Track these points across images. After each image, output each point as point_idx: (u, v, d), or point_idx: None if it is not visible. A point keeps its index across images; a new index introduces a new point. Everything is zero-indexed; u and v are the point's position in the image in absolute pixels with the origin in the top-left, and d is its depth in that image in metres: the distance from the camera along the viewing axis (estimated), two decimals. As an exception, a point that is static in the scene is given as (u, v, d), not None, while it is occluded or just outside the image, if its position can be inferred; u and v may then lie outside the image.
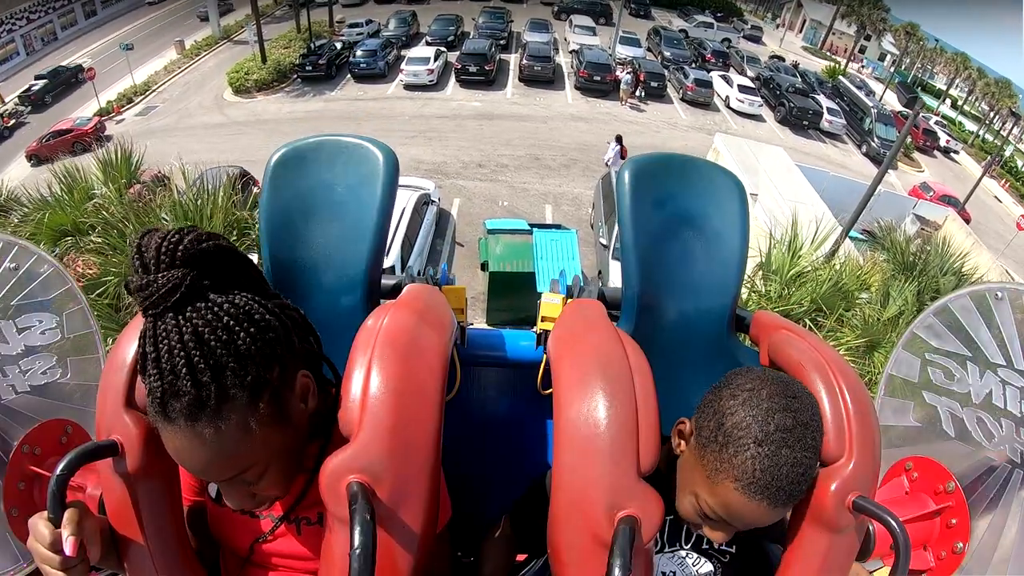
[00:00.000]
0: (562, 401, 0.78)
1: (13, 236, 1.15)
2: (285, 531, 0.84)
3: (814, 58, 33.57)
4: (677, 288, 1.10)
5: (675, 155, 1.16)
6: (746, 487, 0.69)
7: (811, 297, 4.21)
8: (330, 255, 1.10)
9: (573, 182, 13.59)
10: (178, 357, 0.60)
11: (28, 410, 1.10)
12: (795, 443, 0.70)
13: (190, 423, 0.61)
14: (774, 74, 23.89)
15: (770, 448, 0.69)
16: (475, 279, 9.50)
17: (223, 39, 23.83)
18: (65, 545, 0.66)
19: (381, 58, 19.74)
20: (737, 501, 0.71)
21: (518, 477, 1.08)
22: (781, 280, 4.33)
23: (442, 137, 15.35)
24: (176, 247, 0.60)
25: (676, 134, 17.98)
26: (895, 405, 1.20)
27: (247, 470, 0.67)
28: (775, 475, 0.69)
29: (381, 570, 0.61)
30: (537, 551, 1.06)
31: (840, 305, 4.22)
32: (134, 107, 18.47)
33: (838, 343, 3.96)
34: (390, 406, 0.69)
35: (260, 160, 5.64)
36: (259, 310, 0.65)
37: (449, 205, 11.68)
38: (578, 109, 18.69)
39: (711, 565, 0.92)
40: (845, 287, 4.34)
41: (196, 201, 3.88)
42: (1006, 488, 1.01)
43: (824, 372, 0.80)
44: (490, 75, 19.45)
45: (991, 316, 1.06)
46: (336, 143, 1.13)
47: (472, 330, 1.32)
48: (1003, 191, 25.16)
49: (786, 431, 0.69)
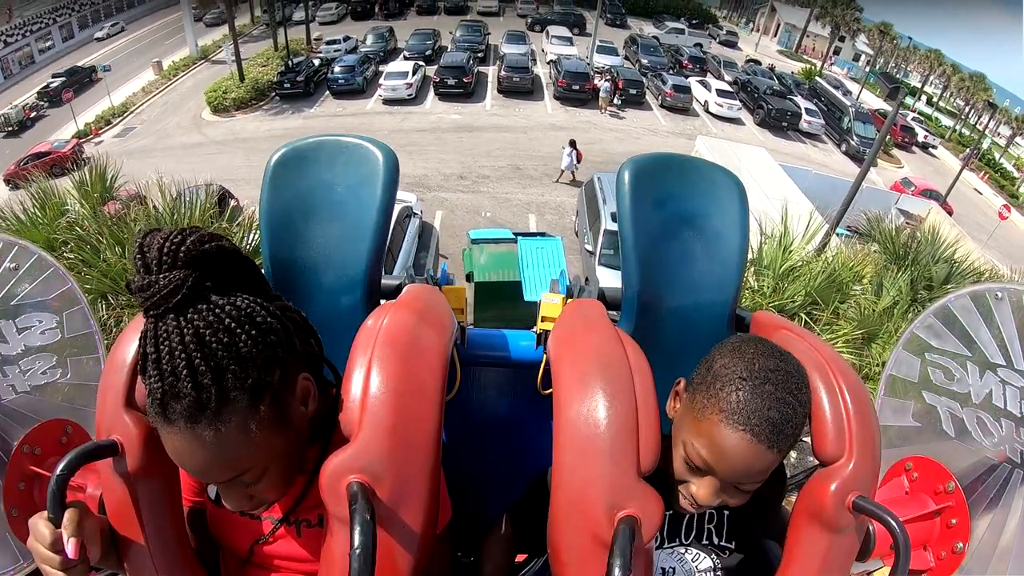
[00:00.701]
0: (562, 401, 0.78)
1: (13, 236, 1.15)
2: (285, 533, 0.84)
3: (790, 61, 33.85)
4: (677, 288, 1.10)
5: (675, 155, 1.16)
6: (729, 416, 0.72)
7: (805, 291, 4.18)
8: (330, 255, 1.10)
9: (556, 191, 13.64)
10: (179, 359, 0.59)
11: (28, 410, 1.10)
12: (779, 382, 0.72)
13: (190, 425, 0.61)
14: (751, 77, 24.04)
15: (754, 382, 0.72)
16: None
17: (201, 59, 23.87)
18: (66, 546, 0.66)
19: (359, 73, 19.79)
20: (720, 434, 0.72)
21: (518, 477, 1.08)
22: (774, 275, 4.30)
23: (422, 150, 15.36)
24: (179, 248, 0.60)
25: (657, 140, 18.04)
26: (895, 405, 1.20)
27: (246, 472, 0.67)
28: (758, 406, 0.71)
29: (381, 570, 0.61)
30: (537, 551, 1.06)
31: (835, 298, 4.20)
32: (112, 128, 18.54)
33: (835, 336, 3.94)
34: (390, 406, 0.69)
35: (239, 179, 5.69)
36: (261, 312, 0.65)
37: (431, 218, 11.66)
38: (558, 119, 18.78)
39: (710, 561, 0.92)
40: (839, 279, 4.31)
41: (172, 215, 3.84)
42: (1006, 488, 1.01)
43: (824, 372, 0.80)
44: (469, 87, 19.53)
45: (991, 316, 1.06)
46: (336, 143, 1.13)
47: (472, 330, 1.32)
48: (982, 183, 25.31)
49: (770, 371, 0.73)
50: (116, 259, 3.55)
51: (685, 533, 0.92)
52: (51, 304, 1.14)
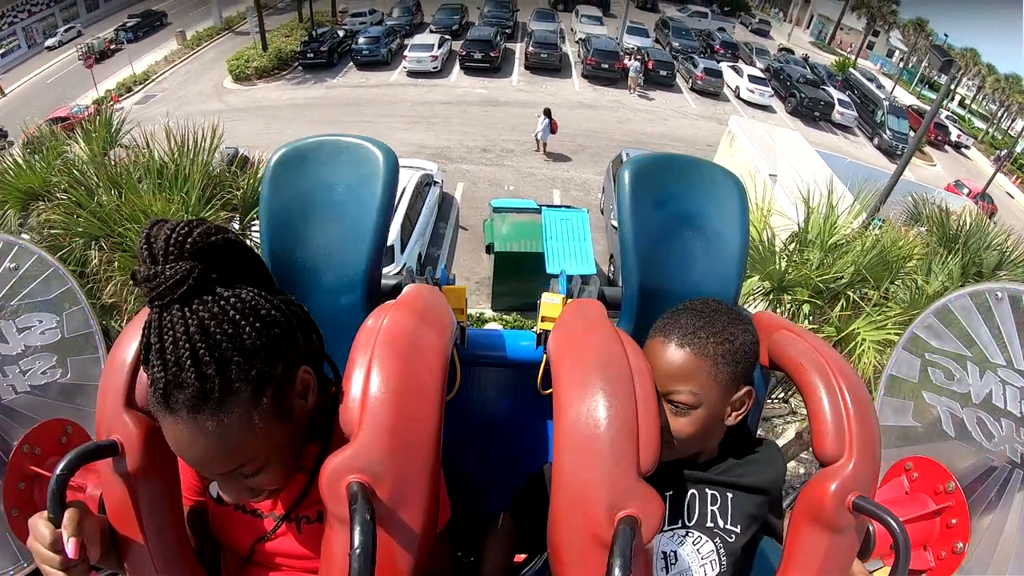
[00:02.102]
0: (562, 401, 0.78)
1: (14, 236, 1.15)
2: (286, 530, 0.84)
3: (822, 53, 33.44)
4: (677, 288, 1.10)
5: (676, 155, 1.16)
6: (652, 335, 0.90)
7: (855, 266, 3.95)
8: (330, 255, 1.10)
9: (582, 168, 13.33)
10: (183, 349, 0.59)
11: (28, 410, 1.10)
12: (697, 310, 0.89)
13: (192, 415, 0.61)
14: (784, 65, 23.67)
15: (675, 310, 0.91)
16: (479, 263, 9.28)
17: (224, 30, 23.89)
18: (67, 546, 0.66)
19: (384, 45, 19.58)
20: (652, 349, 0.88)
21: (518, 477, 1.08)
22: (822, 248, 4.06)
23: (446, 122, 15.10)
24: (185, 239, 0.60)
25: (686, 123, 17.71)
26: (895, 405, 1.20)
27: (246, 464, 0.67)
28: (672, 320, 0.89)
29: (381, 570, 0.61)
30: (537, 550, 1.06)
31: (885, 276, 3.98)
32: (133, 95, 18.51)
33: (886, 318, 3.75)
34: (390, 406, 0.69)
35: (258, 146, 5.40)
36: (265, 305, 0.66)
37: (452, 189, 11.49)
38: (585, 97, 18.46)
39: (712, 544, 0.91)
40: (890, 256, 4.08)
41: (174, 157, 3.65)
42: (1006, 488, 1.01)
43: (824, 372, 0.80)
44: (495, 62, 19.25)
45: (991, 316, 1.06)
46: (336, 143, 1.13)
47: (472, 330, 1.32)
48: (1014, 187, 25.00)
49: (691, 307, 0.90)
50: (111, 201, 3.38)
51: (688, 516, 0.92)
52: (51, 304, 1.14)
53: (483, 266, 8.78)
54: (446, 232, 9.25)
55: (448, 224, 9.86)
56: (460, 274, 8.86)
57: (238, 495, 0.72)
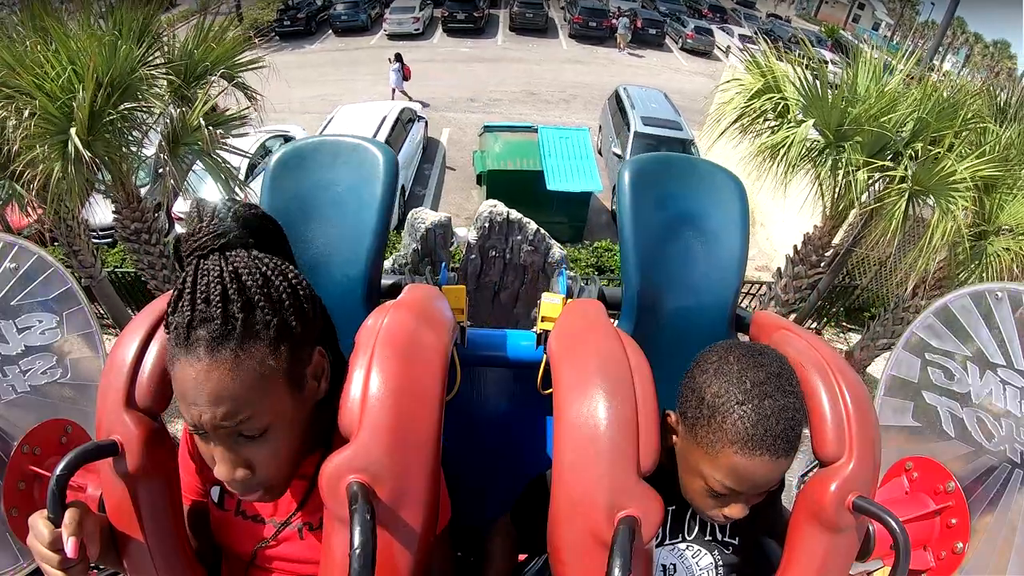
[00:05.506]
0: (562, 401, 0.78)
1: (14, 237, 1.15)
2: (287, 536, 0.84)
3: (809, 24, 33.43)
4: (677, 288, 1.10)
5: (676, 155, 1.16)
6: (743, 446, 0.71)
7: (916, 115, 3.56)
8: (330, 255, 1.10)
9: (575, 115, 12.76)
10: (214, 287, 0.63)
11: (28, 410, 1.10)
12: (774, 392, 0.72)
13: (210, 351, 0.62)
14: (774, 26, 23.53)
15: (753, 403, 0.71)
16: (469, 200, 8.76)
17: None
18: (66, 546, 0.66)
19: (363, 11, 19.10)
20: (740, 464, 0.72)
21: (518, 477, 1.08)
22: (875, 101, 3.63)
23: (430, 76, 14.23)
24: (229, 208, 0.67)
25: (679, 76, 17.39)
26: (895, 405, 1.20)
27: (252, 417, 0.65)
28: (766, 426, 0.70)
29: (381, 570, 0.61)
30: (537, 550, 1.06)
31: (951, 126, 3.57)
32: None
33: (956, 177, 3.38)
34: (390, 406, 0.69)
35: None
36: (294, 272, 0.71)
37: (438, 134, 11.18)
38: (575, 54, 18.06)
39: (711, 557, 0.91)
40: (955, 103, 3.65)
41: None
42: (1006, 488, 1.01)
43: (824, 371, 0.80)
44: (479, 23, 18.75)
45: (991, 316, 1.06)
46: (336, 143, 1.13)
47: (472, 330, 1.32)
48: None
49: (762, 383, 0.72)
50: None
51: (687, 529, 0.92)
52: (51, 304, 1.14)
53: (473, 202, 8.08)
54: (431, 173, 8.88)
55: (434, 165, 9.42)
56: (449, 211, 8.20)
57: (231, 468, 0.68)
